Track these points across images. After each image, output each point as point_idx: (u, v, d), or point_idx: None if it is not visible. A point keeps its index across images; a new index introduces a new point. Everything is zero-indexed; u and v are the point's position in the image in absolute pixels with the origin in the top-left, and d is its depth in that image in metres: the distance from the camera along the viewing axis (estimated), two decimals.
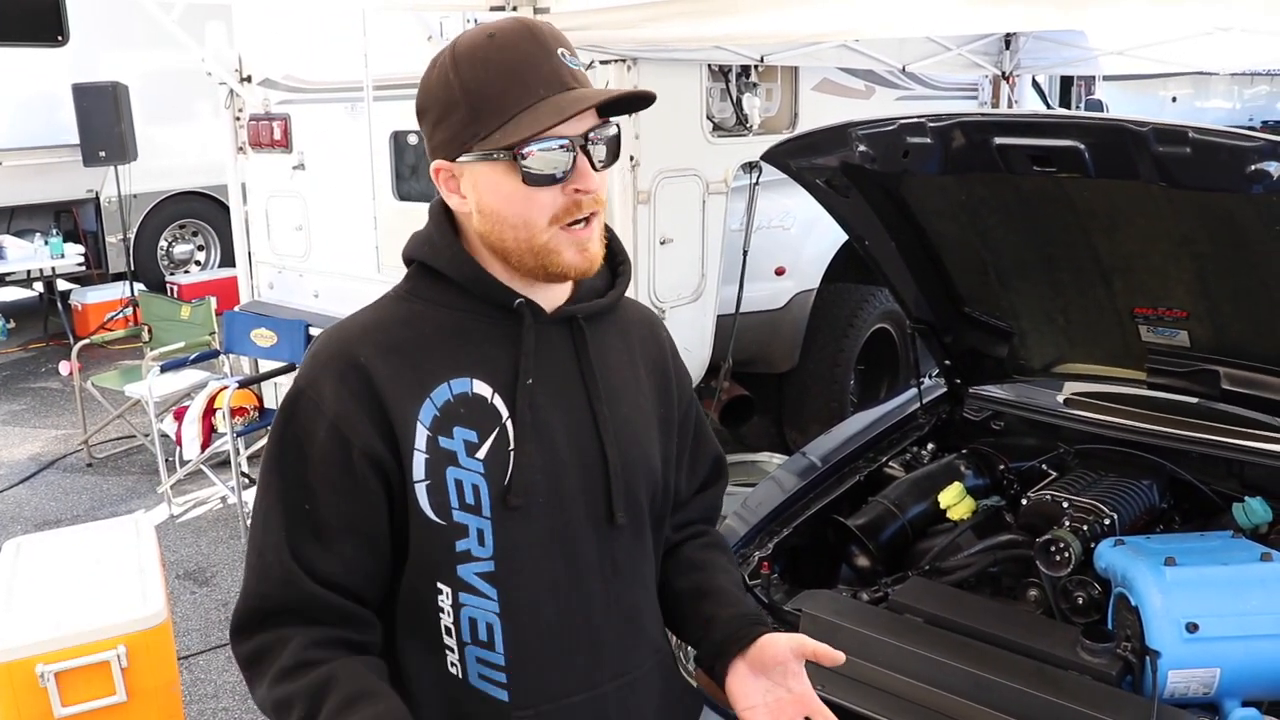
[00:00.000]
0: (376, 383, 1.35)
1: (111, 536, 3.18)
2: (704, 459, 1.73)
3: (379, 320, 1.42)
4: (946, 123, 2.35)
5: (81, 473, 6.24)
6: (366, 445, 1.35)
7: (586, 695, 1.46)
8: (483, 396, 1.39)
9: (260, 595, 1.37)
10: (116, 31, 9.05)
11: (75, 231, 9.39)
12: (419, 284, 1.45)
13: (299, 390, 1.38)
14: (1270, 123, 17.46)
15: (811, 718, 1.45)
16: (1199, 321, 2.65)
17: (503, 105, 1.30)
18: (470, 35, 1.34)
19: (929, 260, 2.94)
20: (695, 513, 1.72)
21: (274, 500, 1.38)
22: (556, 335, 1.45)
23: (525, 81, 1.29)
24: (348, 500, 1.36)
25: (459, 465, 1.37)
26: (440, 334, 1.41)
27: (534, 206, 1.33)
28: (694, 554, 1.66)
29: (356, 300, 1.53)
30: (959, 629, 2.25)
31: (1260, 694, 2.07)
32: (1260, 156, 1.93)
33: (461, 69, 1.32)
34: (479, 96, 1.31)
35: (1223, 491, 2.74)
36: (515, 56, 1.30)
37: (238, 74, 5.88)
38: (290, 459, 1.37)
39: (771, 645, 1.48)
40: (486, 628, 1.41)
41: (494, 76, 1.30)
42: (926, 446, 3.17)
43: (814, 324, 5.53)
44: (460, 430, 1.37)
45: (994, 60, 6.19)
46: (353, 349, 1.37)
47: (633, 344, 1.57)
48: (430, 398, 1.37)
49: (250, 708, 3.82)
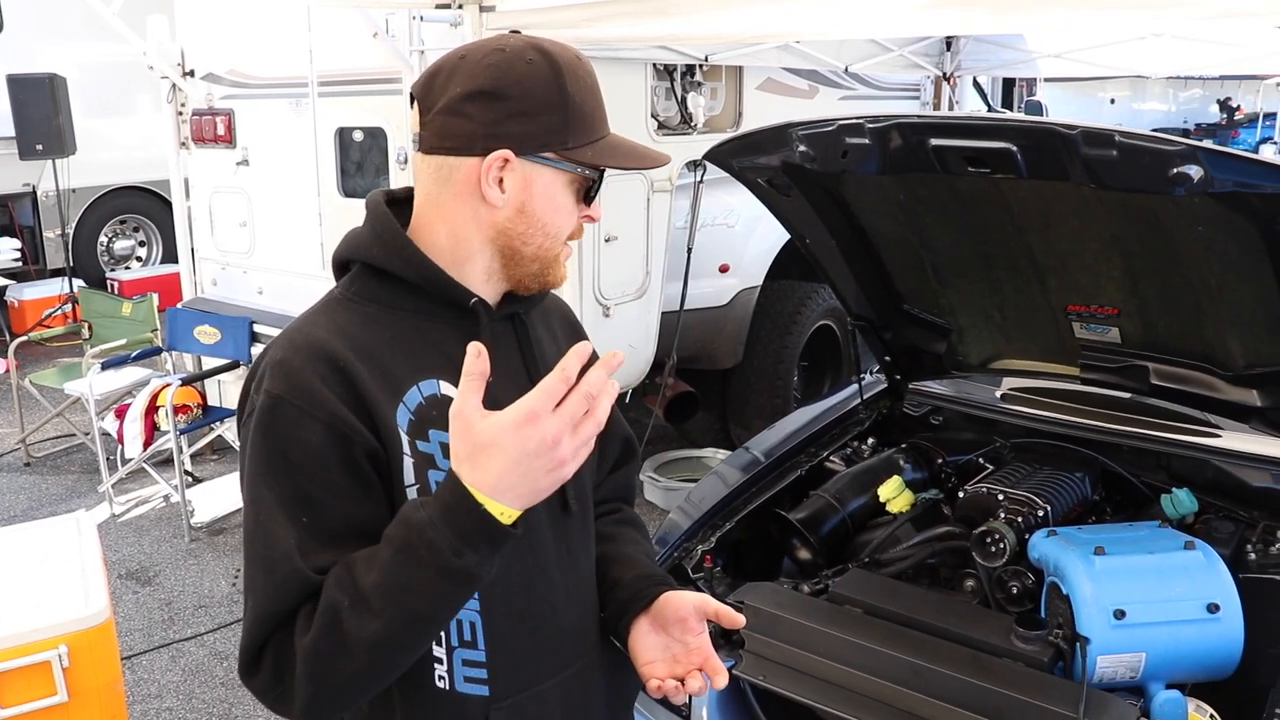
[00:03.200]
0: (359, 385, 1.32)
1: (52, 535, 3.14)
2: (614, 439, 1.75)
3: (339, 324, 1.38)
4: (884, 124, 2.40)
5: (19, 472, 6.14)
6: (367, 444, 1.32)
7: (556, 680, 1.50)
8: (450, 397, 1.35)
9: (273, 615, 1.27)
10: (54, 22, 8.88)
11: (11, 226, 9.20)
12: (365, 286, 1.41)
13: (276, 399, 1.30)
14: (1204, 125, 17.86)
15: (704, 668, 1.47)
16: (1129, 319, 2.73)
17: (593, 126, 1.37)
18: (558, 46, 1.38)
19: (869, 258, 2.99)
20: (608, 491, 1.74)
21: (271, 512, 1.29)
22: (503, 331, 1.47)
23: (603, 113, 1.40)
24: (353, 502, 1.31)
25: (437, 467, 1.36)
26: (401, 336, 1.39)
27: (564, 218, 1.41)
28: (604, 528, 1.69)
29: (301, 297, 1.53)
30: (897, 619, 2.31)
31: (1184, 676, 2.15)
32: (1182, 160, 1.99)
33: (566, 78, 1.35)
34: (579, 110, 1.36)
35: (1152, 483, 2.83)
36: (591, 83, 1.39)
37: (180, 68, 5.81)
38: (280, 470, 1.30)
39: (673, 601, 1.51)
40: (470, 627, 1.42)
41: (588, 97, 1.37)
42: (867, 441, 3.22)
43: (758, 321, 5.59)
44: (435, 433, 1.36)
45: (935, 61, 6.29)
46: (329, 350, 1.33)
47: (556, 333, 1.62)
48: (404, 402, 1.36)
49: (194, 707, 3.81)
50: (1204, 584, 2.16)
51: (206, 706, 3.82)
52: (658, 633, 1.51)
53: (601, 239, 4.49)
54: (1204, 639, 2.12)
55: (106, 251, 9.86)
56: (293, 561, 1.26)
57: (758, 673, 2.29)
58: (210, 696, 3.88)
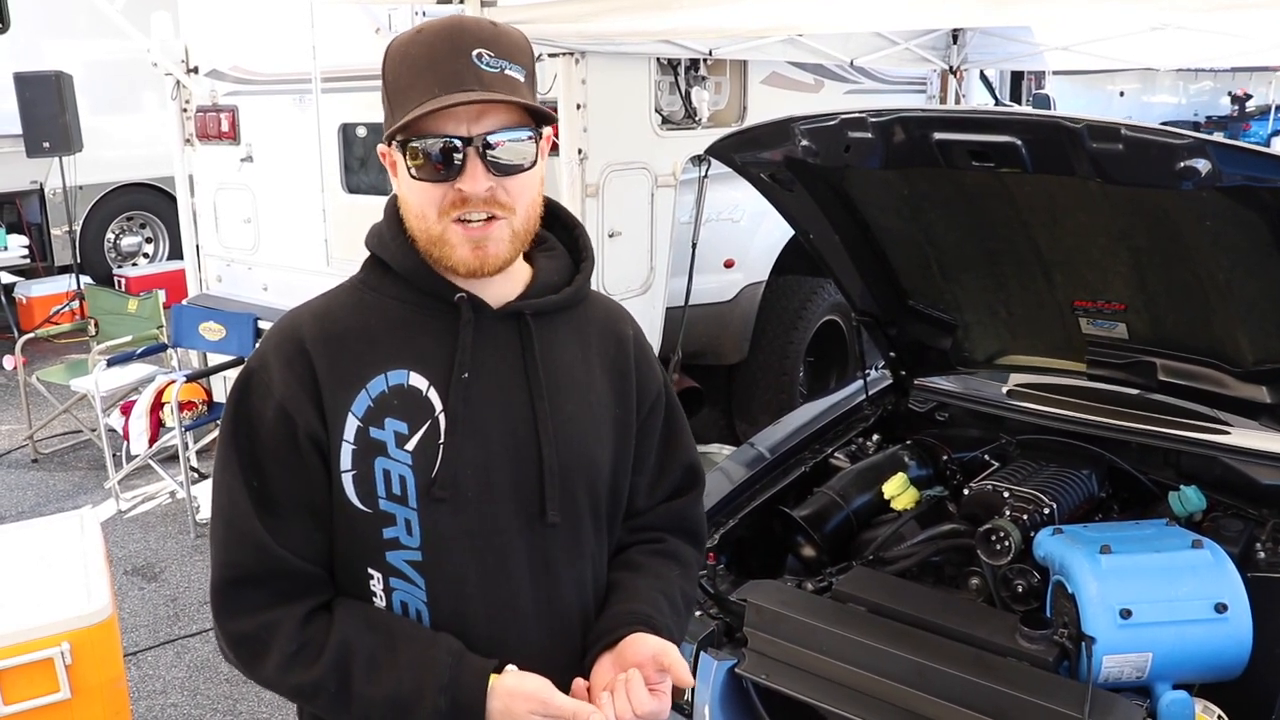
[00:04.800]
0: (317, 370, 1.40)
1: (56, 532, 3.14)
2: (674, 466, 1.68)
3: (329, 307, 1.46)
4: (887, 118, 2.38)
5: (27, 468, 6.15)
6: (309, 427, 1.40)
7: None
8: (418, 389, 1.41)
9: (231, 564, 1.41)
10: (59, 20, 8.88)
11: (19, 223, 9.21)
12: (370, 274, 1.48)
13: (251, 370, 1.44)
14: (1214, 118, 17.77)
15: None
16: (1137, 314, 2.70)
17: (406, 98, 1.34)
18: (409, 29, 1.38)
19: (873, 254, 2.97)
20: (659, 520, 1.66)
21: (234, 474, 1.42)
22: (502, 330, 1.45)
23: (426, 79, 1.32)
24: (296, 478, 1.41)
25: (388, 456, 1.40)
26: (385, 325, 1.44)
27: (425, 198, 1.37)
28: (636, 555, 1.63)
29: (306, 293, 1.54)
30: (901, 617, 2.29)
31: (1191, 677, 2.13)
32: (1189, 154, 1.97)
33: (388, 60, 1.38)
34: (393, 88, 1.37)
35: (1159, 480, 2.81)
36: (427, 53, 1.33)
37: (184, 65, 5.81)
38: (243, 435, 1.42)
39: (635, 643, 1.45)
40: (415, 614, 1.44)
41: (405, 70, 1.35)
42: (872, 437, 3.21)
43: (763, 316, 5.56)
44: (391, 421, 1.40)
45: (941, 55, 6.25)
46: (300, 333, 1.42)
47: (589, 341, 1.56)
48: (366, 388, 1.40)
49: (199, 703, 3.80)
50: (1212, 583, 2.13)
51: (211, 702, 3.82)
52: (617, 671, 1.45)
53: (605, 235, 4.47)
54: (1212, 639, 2.09)
55: (113, 248, 9.86)
56: (249, 521, 1.40)
57: (761, 671, 2.28)
58: (215, 693, 3.88)
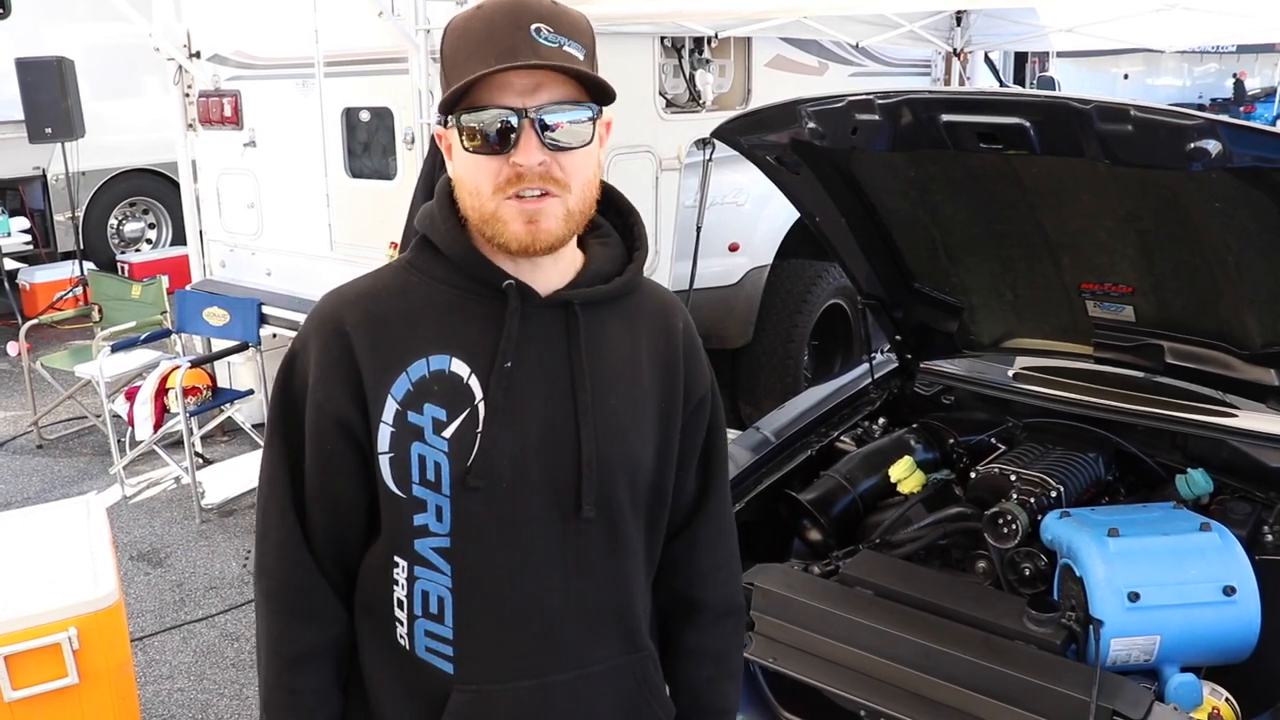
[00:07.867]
0: (356, 351, 1.39)
1: (62, 518, 3.15)
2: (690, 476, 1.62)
3: (374, 288, 1.45)
4: (894, 100, 2.36)
5: (32, 454, 6.15)
6: (339, 413, 1.39)
7: (534, 682, 1.45)
8: (459, 375, 1.38)
9: (262, 552, 1.49)
10: (61, 4, 8.86)
11: (22, 209, 9.21)
12: (419, 256, 1.45)
13: (294, 353, 1.45)
14: (1219, 100, 17.70)
15: None
16: (1144, 297, 2.69)
17: (462, 72, 1.30)
18: (469, 7, 1.37)
19: (879, 236, 2.96)
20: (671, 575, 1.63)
21: (276, 460, 1.45)
22: (549, 319, 1.42)
23: (482, 51, 1.29)
24: (323, 468, 1.43)
25: (424, 441, 1.38)
26: (430, 308, 1.41)
27: (479, 172, 1.34)
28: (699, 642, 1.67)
29: (309, 278, 1.55)
30: (908, 601, 2.29)
31: (1199, 659, 2.13)
32: (1199, 134, 1.95)
33: (446, 36, 1.36)
34: (450, 62, 1.35)
35: (1167, 463, 2.80)
36: (485, 27, 1.31)
37: (186, 49, 5.78)
38: (288, 420, 1.44)
39: None
40: (438, 601, 1.42)
41: (462, 45, 1.33)
42: (878, 421, 3.20)
43: (768, 300, 5.55)
44: (430, 407, 1.38)
45: (946, 36, 6.23)
46: (341, 314, 1.41)
47: (638, 333, 1.51)
48: (407, 372, 1.38)
49: (205, 688, 3.81)
50: (1219, 566, 2.13)
51: (218, 687, 3.83)
52: None
53: None
54: (1219, 622, 2.09)
55: (117, 234, 9.85)
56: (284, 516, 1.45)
57: (767, 655, 2.28)
58: (221, 678, 3.88)
